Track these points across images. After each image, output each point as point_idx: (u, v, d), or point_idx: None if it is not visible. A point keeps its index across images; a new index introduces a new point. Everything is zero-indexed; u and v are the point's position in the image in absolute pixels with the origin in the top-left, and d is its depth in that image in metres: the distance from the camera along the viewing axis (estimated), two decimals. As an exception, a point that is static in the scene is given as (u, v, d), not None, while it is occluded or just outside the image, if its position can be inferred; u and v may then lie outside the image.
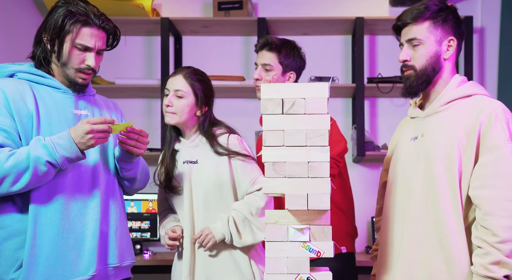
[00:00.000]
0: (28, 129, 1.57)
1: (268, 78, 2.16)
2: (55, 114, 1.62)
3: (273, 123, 1.32)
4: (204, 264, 1.89)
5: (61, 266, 1.59)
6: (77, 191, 1.63)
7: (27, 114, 1.57)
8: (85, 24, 1.61)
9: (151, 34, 3.37)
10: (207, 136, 1.94)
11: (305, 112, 1.32)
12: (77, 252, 1.62)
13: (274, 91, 1.33)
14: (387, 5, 3.34)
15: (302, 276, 1.32)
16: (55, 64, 1.67)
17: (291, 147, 1.31)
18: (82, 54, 1.64)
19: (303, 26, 3.23)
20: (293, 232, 1.33)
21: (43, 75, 1.66)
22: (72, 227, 1.61)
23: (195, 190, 1.91)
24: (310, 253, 1.32)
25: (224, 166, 1.91)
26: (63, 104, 1.66)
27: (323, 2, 3.37)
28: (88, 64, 1.64)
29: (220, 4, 3.21)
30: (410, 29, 1.64)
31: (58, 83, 1.67)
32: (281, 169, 1.31)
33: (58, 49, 1.63)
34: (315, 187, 1.30)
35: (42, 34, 1.65)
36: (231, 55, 3.38)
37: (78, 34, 1.61)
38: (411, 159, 1.67)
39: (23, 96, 1.58)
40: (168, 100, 1.91)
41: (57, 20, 1.61)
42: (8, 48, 2.91)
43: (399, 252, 1.64)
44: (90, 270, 1.63)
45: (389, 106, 3.34)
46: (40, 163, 1.51)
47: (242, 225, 1.86)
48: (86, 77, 1.67)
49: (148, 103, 3.39)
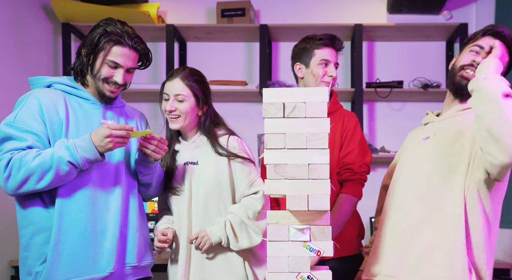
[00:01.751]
0: (57, 134, 1.68)
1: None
2: (83, 122, 1.73)
3: (274, 127, 1.34)
4: (198, 265, 1.88)
5: (81, 263, 1.67)
6: (100, 189, 1.71)
7: (58, 120, 1.68)
8: (118, 43, 1.72)
9: (156, 40, 3.40)
10: (208, 135, 1.93)
11: (305, 116, 1.34)
12: (97, 250, 1.69)
13: (276, 96, 1.34)
14: (385, 12, 3.40)
15: (302, 275, 1.34)
16: (89, 76, 1.78)
17: (292, 150, 1.33)
18: (112, 70, 1.74)
19: (304, 32, 3.14)
20: (294, 232, 1.35)
21: (76, 87, 1.78)
22: (94, 225, 1.69)
23: (195, 191, 1.90)
24: (310, 252, 1.34)
25: (224, 167, 1.90)
26: (92, 113, 1.77)
27: (323, 9, 3.42)
28: (116, 80, 1.75)
29: (223, 11, 3.25)
30: (494, 42, 1.64)
31: (89, 95, 1.78)
32: (283, 171, 1.33)
33: (92, 63, 1.74)
34: (315, 189, 1.32)
35: (82, 49, 1.76)
36: (233, 61, 3.42)
37: (110, 51, 1.72)
38: (418, 156, 1.70)
39: (56, 105, 1.70)
40: (170, 106, 1.89)
41: (94, 37, 1.72)
42: (21, 55, 2.96)
43: (390, 244, 1.66)
44: (108, 268, 1.70)
45: (387, 110, 3.39)
46: (62, 163, 1.60)
47: (239, 229, 1.85)
48: (114, 91, 1.78)
49: (154, 107, 3.41)
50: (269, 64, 3.30)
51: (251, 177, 1.91)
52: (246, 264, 1.91)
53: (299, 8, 3.43)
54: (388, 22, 3.35)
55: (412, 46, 3.39)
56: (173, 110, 1.89)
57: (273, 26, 3.22)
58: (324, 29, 3.23)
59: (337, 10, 3.42)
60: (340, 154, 2.10)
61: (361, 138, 2.13)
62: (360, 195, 2.12)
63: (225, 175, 1.90)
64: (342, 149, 2.10)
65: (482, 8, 3.33)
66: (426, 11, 3.30)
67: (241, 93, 3.24)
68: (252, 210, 1.87)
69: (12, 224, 2.83)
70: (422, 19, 3.34)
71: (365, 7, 3.41)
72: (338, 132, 2.11)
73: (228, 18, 3.25)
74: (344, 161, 2.09)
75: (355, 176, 2.07)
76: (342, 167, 2.09)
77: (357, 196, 2.08)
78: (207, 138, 1.94)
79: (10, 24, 2.90)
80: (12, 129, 1.63)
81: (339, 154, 2.10)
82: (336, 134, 2.11)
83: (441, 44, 3.37)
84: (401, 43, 3.40)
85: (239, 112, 3.36)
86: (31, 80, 1.81)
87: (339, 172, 2.10)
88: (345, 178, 2.09)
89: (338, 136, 2.11)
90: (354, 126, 2.13)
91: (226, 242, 1.86)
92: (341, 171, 2.10)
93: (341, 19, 3.36)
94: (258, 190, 1.90)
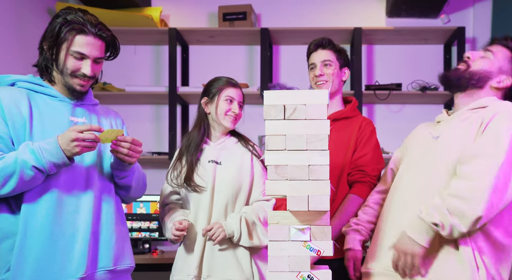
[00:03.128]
0: (20, 135, 1.56)
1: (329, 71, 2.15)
2: (49, 121, 1.61)
3: (275, 128, 1.35)
4: (208, 259, 1.92)
5: (49, 268, 1.55)
6: (69, 193, 1.60)
7: (21, 120, 1.56)
8: (80, 32, 1.60)
9: (159, 44, 3.43)
10: (239, 136, 2.06)
11: (306, 118, 1.35)
12: (67, 254, 1.58)
13: (277, 98, 1.35)
14: (384, 16, 3.43)
15: (303, 274, 1.35)
16: (55, 72, 1.66)
17: (293, 151, 1.35)
18: (78, 62, 1.62)
19: (304, 36, 3.28)
20: (295, 232, 1.36)
21: (41, 84, 1.66)
22: (62, 229, 1.58)
23: (217, 190, 1.95)
24: (310, 252, 1.35)
25: (246, 170, 1.98)
26: (59, 111, 1.64)
27: (323, 13, 3.45)
28: (84, 72, 1.62)
29: (225, 15, 3.28)
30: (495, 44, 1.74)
31: (56, 92, 1.65)
32: (283, 172, 1.34)
33: (56, 56, 1.62)
34: (315, 189, 1.33)
35: (43, 42, 1.64)
36: (235, 64, 3.45)
37: (73, 42, 1.60)
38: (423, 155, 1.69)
39: (18, 103, 1.58)
40: (234, 107, 2.01)
41: (54, 28, 1.60)
42: (25, 57, 2.96)
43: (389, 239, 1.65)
44: (79, 272, 1.58)
45: (385, 112, 3.43)
46: (27, 168, 1.48)
47: (251, 227, 1.91)
48: (84, 84, 1.65)
49: (157, 109, 3.45)
50: (270, 67, 3.32)
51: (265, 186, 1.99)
52: (253, 261, 1.96)
53: (300, 12, 3.46)
54: (387, 26, 3.39)
55: (410, 49, 3.43)
56: (239, 114, 2.04)
57: (274, 29, 3.25)
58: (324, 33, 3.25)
59: (337, 14, 3.44)
60: (354, 156, 2.09)
61: (376, 144, 2.12)
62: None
63: (246, 178, 1.98)
64: (356, 151, 2.10)
65: (479, 12, 3.36)
66: (424, 15, 3.34)
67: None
68: (264, 214, 1.94)
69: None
70: (420, 23, 3.37)
71: (365, 11, 3.44)
72: (354, 136, 2.11)
73: (229, 22, 3.28)
74: (357, 163, 2.08)
75: (366, 178, 2.06)
76: (354, 168, 2.08)
77: (365, 198, 2.03)
78: (236, 138, 2.05)
79: (15, 27, 2.93)
80: None
81: (352, 157, 2.09)
82: (351, 138, 2.11)
83: (439, 48, 3.40)
84: (400, 46, 3.43)
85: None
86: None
87: (350, 173, 2.09)
88: (356, 179, 2.07)
89: (353, 140, 2.11)
90: (371, 132, 2.12)
91: (238, 237, 1.90)
92: (353, 172, 2.08)
93: (340, 23, 3.40)
94: (271, 198, 1.99)
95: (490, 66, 1.71)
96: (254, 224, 1.93)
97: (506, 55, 1.72)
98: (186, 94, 3.28)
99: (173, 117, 3.20)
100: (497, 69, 1.71)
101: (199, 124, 2.06)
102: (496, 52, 1.73)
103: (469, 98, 1.72)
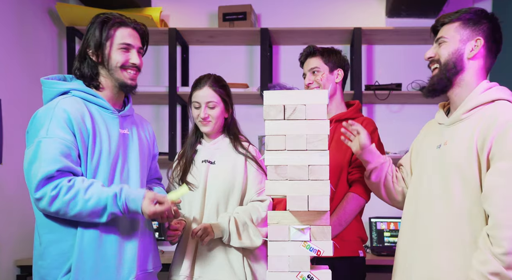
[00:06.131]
0: (85, 147, 1.63)
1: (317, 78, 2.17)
2: (105, 133, 1.68)
3: (275, 128, 1.35)
4: (200, 259, 1.93)
5: (104, 272, 1.64)
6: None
7: (85, 132, 1.63)
8: (122, 24, 1.69)
9: (159, 44, 3.43)
10: (232, 136, 2.03)
11: (305, 118, 1.35)
12: (120, 259, 1.66)
13: (276, 98, 1.35)
14: (384, 16, 3.44)
15: (303, 274, 1.35)
16: (103, 77, 1.71)
17: (293, 151, 1.34)
18: (126, 53, 1.69)
19: (304, 36, 3.29)
20: (295, 232, 1.36)
21: (95, 94, 1.70)
22: (114, 236, 1.67)
23: (209, 189, 1.96)
24: (310, 252, 1.35)
25: (240, 170, 1.97)
26: (111, 123, 1.71)
27: (323, 14, 3.45)
28: (133, 62, 1.70)
29: (225, 15, 3.29)
30: (441, 29, 1.67)
31: (108, 104, 1.71)
32: (283, 172, 1.34)
33: (103, 55, 1.68)
34: (315, 189, 1.33)
35: (86, 50, 1.70)
36: (235, 64, 3.45)
37: (117, 35, 1.68)
38: (433, 169, 1.64)
39: (82, 115, 1.64)
40: (204, 113, 1.96)
41: (94, 32, 1.68)
42: (26, 58, 2.99)
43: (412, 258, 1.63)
44: (130, 275, 1.68)
45: (385, 112, 3.44)
46: (109, 215, 1.61)
47: (242, 228, 1.91)
48: (134, 77, 1.72)
49: (156, 109, 3.46)
50: (270, 67, 3.33)
51: (261, 185, 1.98)
52: (246, 263, 1.96)
53: (300, 12, 3.47)
54: (387, 26, 3.39)
55: (410, 49, 3.42)
56: (207, 117, 1.98)
57: (274, 29, 3.26)
58: (323, 33, 3.28)
59: (337, 14, 3.45)
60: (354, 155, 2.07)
61: (377, 143, 2.10)
62: (367, 197, 2.09)
63: (240, 177, 1.97)
64: None
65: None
66: (424, 15, 3.34)
67: (242, 95, 3.27)
68: (257, 215, 1.94)
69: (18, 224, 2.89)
70: (420, 23, 3.37)
71: (365, 11, 3.45)
72: None
73: (229, 22, 3.29)
74: (358, 162, 2.06)
75: None
76: (355, 167, 2.08)
77: (364, 197, 2.05)
78: (229, 139, 2.03)
79: (16, 28, 2.94)
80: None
81: (352, 156, 2.08)
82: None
83: (439, 47, 3.42)
84: (400, 46, 3.43)
85: (240, 114, 3.31)
86: (44, 82, 1.72)
87: (350, 171, 2.09)
88: (356, 178, 2.06)
89: None
90: (372, 131, 2.11)
91: (227, 238, 1.91)
92: (353, 171, 2.08)
93: (340, 23, 3.40)
94: (265, 198, 1.98)
95: (453, 45, 1.64)
96: (246, 224, 1.92)
97: (454, 27, 1.65)
98: (186, 94, 3.24)
99: (173, 117, 3.21)
100: (459, 41, 1.63)
101: (194, 125, 2.08)
102: (444, 33, 1.66)
103: (460, 88, 1.65)
